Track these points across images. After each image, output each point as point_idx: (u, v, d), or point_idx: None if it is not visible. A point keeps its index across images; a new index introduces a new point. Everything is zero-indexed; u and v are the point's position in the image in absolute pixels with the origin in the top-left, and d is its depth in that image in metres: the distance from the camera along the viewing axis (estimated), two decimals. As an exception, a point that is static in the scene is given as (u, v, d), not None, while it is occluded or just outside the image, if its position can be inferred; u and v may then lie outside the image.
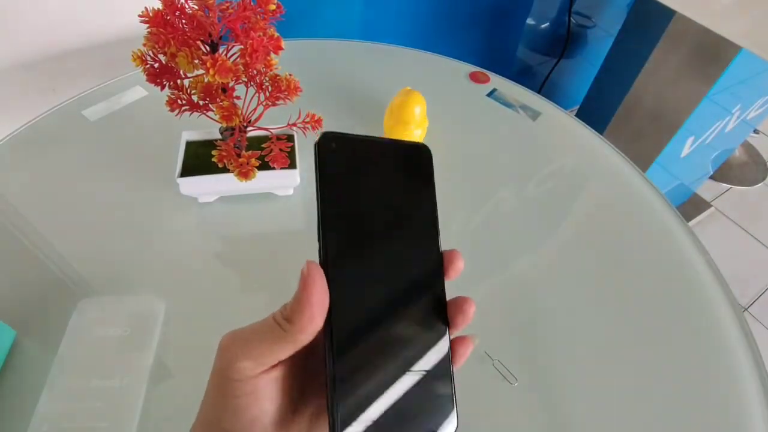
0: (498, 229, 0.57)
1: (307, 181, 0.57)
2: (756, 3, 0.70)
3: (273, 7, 0.43)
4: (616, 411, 0.43)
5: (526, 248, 0.55)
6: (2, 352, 0.42)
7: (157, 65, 0.44)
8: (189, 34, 0.42)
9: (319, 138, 0.21)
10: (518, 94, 0.75)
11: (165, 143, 0.57)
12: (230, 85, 0.45)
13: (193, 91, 0.46)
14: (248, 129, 0.49)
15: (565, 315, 0.49)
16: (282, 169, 0.51)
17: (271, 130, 0.50)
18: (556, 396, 0.44)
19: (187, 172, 0.53)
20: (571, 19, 1.40)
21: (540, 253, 0.55)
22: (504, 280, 0.52)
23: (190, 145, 0.56)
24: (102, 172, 0.59)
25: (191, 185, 0.54)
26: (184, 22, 0.42)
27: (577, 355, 0.47)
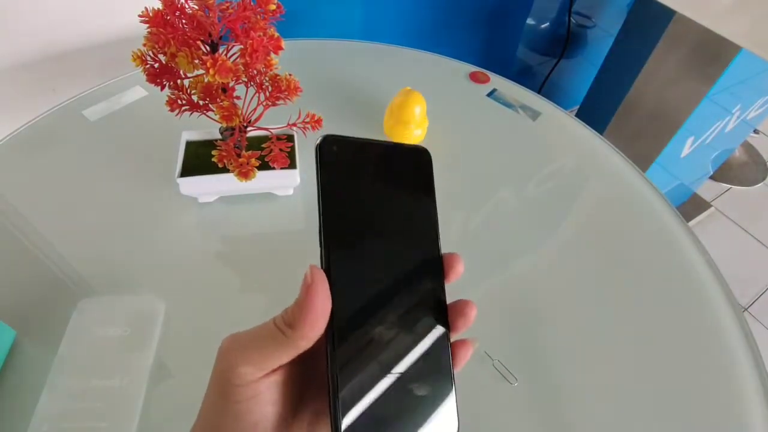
0: (498, 229, 0.57)
1: (307, 181, 0.57)
2: (756, 3, 0.70)
3: (273, 7, 0.43)
4: (616, 411, 0.43)
5: (526, 248, 0.55)
6: (2, 352, 0.42)
7: (157, 65, 0.44)
8: (189, 34, 0.42)
9: (319, 141, 0.21)
10: (518, 94, 0.75)
11: (165, 143, 0.57)
12: (230, 85, 0.45)
13: (193, 91, 0.46)
14: (248, 129, 0.49)
15: (565, 315, 0.49)
16: (282, 169, 0.51)
17: (271, 130, 0.50)
18: (556, 396, 0.44)
19: (187, 172, 0.53)
20: (571, 19, 1.40)
21: (540, 253, 0.55)
22: (504, 280, 0.52)
23: (190, 145, 0.56)
24: (102, 172, 0.59)
25: (191, 185, 0.54)
26: (184, 22, 0.42)
27: (577, 355, 0.47)
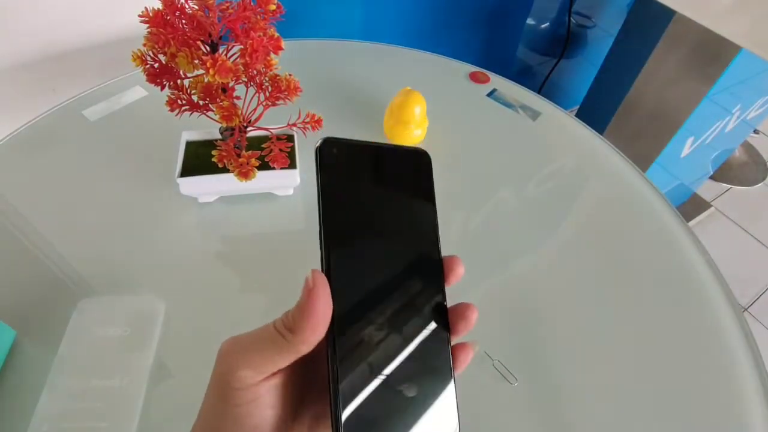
0: (498, 229, 0.57)
1: (307, 181, 0.57)
2: (756, 3, 0.70)
3: (273, 7, 0.43)
4: (616, 411, 0.43)
5: (526, 248, 0.55)
6: (2, 352, 0.42)
7: (157, 65, 0.44)
8: (189, 34, 0.42)
9: (319, 144, 0.21)
10: (518, 94, 0.75)
11: (165, 143, 0.57)
12: (230, 85, 0.45)
13: (193, 91, 0.46)
14: (248, 129, 0.49)
15: (565, 315, 0.49)
16: (282, 169, 0.51)
17: (271, 130, 0.50)
18: (556, 396, 0.44)
19: (187, 172, 0.53)
20: (571, 19, 1.40)
21: (540, 253, 0.55)
22: (504, 280, 0.52)
23: (190, 145, 0.56)
24: (102, 172, 0.59)
25: (191, 185, 0.54)
26: (184, 22, 0.42)
27: (577, 355, 0.47)
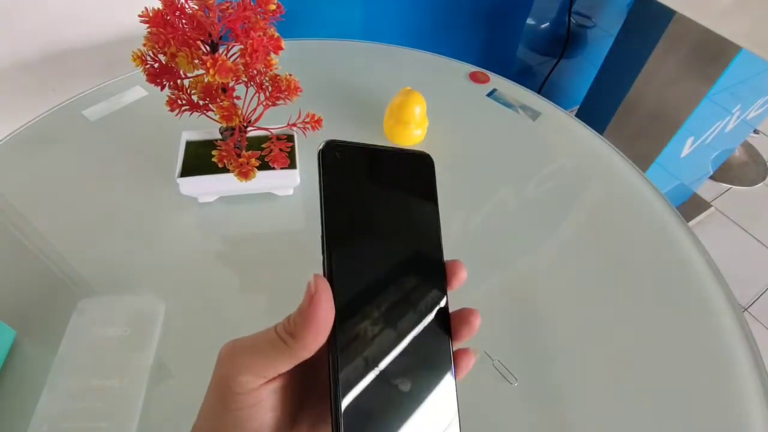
0: (498, 229, 0.57)
1: (306, 181, 0.57)
2: (756, 3, 0.70)
3: (273, 7, 0.43)
4: (616, 411, 0.43)
5: (526, 248, 0.55)
6: (2, 352, 0.42)
7: (157, 65, 0.44)
8: (189, 34, 0.42)
9: (322, 146, 0.21)
10: (518, 94, 0.75)
11: (165, 143, 0.57)
12: (230, 85, 0.45)
13: (193, 91, 0.46)
14: (248, 129, 0.49)
15: (565, 315, 0.49)
16: (282, 169, 0.51)
17: (271, 130, 0.50)
18: (556, 396, 0.44)
19: (187, 172, 0.53)
20: (571, 19, 1.39)
21: (540, 253, 0.55)
22: (504, 280, 0.52)
23: (190, 145, 0.56)
24: (102, 172, 0.59)
25: (191, 185, 0.54)
26: (184, 22, 0.42)
27: (577, 355, 0.47)
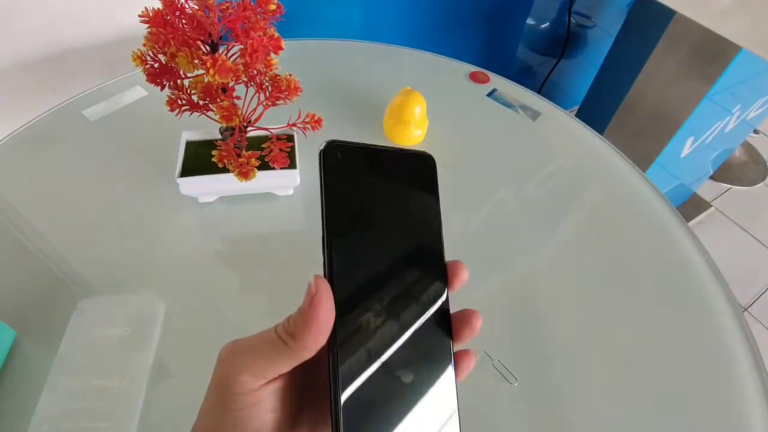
0: (498, 229, 0.57)
1: (307, 181, 0.57)
2: (756, 3, 0.70)
3: (273, 7, 0.43)
4: (616, 411, 0.43)
5: (526, 248, 0.55)
6: (2, 352, 0.42)
7: (157, 65, 0.44)
8: (189, 34, 0.42)
9: (323, 147, 0.21)
10: (518, 94, 0.75)
11: (165, 143, 0.57)
12: (230, 85, 0.45)
13: (193, 91, 0.46)
14: (248, 129, 0.49)
15: (565, 315, 0.49)
16: (282, 169, 0.51)
17: (271, 130, 0.50)
18: (556, 396, 0.44)
19: (187, 172, 0.53)
20: (571, 19, 1.39)
21: (540, 253, 0.55)
22: (504, 280, 0.52)
23: (190, 145, 0.56)
24: (102, 172, 0.59)
25: (191, 185, 0.54)
26: (184, 22, 0.42)
27: (577, 355, 0.47)
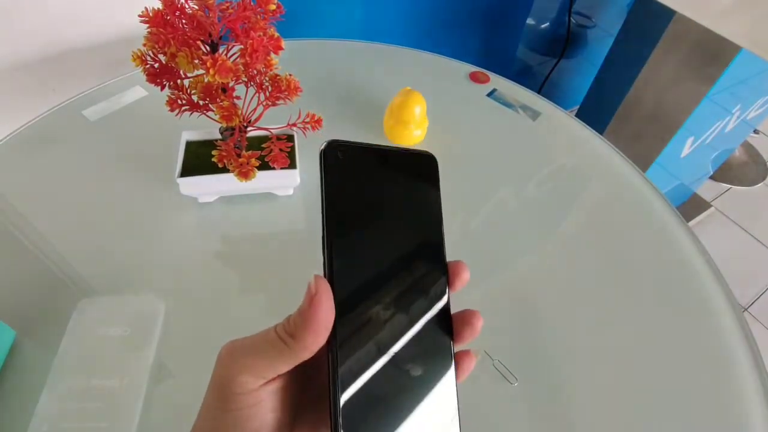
0: (498, 229, 0.57)
1: (307, 181, 0.57)
2: (756, 3, 0.70)
3: (273, 7, 0.43)
4: (616, 411, 0.43)
5: (526, 248, 0.55)
6: (2, 352, 0.42)
7: (157, 65, 0.44)
8: (189, 34, 0.42)
9: (324, 146, 0.21)
10: (518, 94, 0.75)
11: (165, 143, 0.57)
12: (230, 85, 0.45)
13: (193, 91, 0.46)
14: (248, 129, 0.49)
15: (565, 315, 0.49)
16: (282, 169, 0.51)
17: (271, 130, 0.50)
18: (556, 396, 0.44)
19: (187, 172, 0.53)
20: (571, 19, 1.39)
21: (540, 253, 0.55)
22: (504, 280, 0.52)
23: (190, 145, 0.56)
24: (102, 172, 0.59)
25: (191, 185, 0.54)
26: (184, 22, 0.42)
27: (577, 355, 0.47)
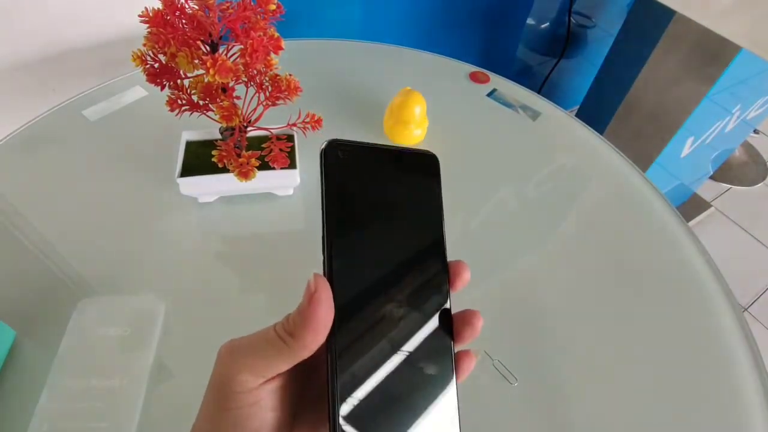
0: (498, 229, 0.57)
1: (306, 181, 0.57)
2: (756, 3, 0.70)
3: (273, 7, 0.43)
4: (616, 411, 0.43)
5: (526, 248, 0.55)
6: (2, 352, 0.42)
7: (157, 65, 0.44)
8: (189, 34, 0.42)
9: (324, 146, 0.21)
10: (518, 94, 0.75)
11: (165, 143, 0.57)
12: (230, 85, 0.45)
13: (193, 91, 0.46)
14: (248, 129, 0.49)
15: (565, 315, 0.49)
16: (282, 169, 0.51)
17: (271, 130, 0.50)
18: (556, 396, 0.44)
19: (187, 172, 0.53)
20: (571, 19, 1.40)
21: (540, 253, 0.55)
22: (504, 280, 0.52)
23: (190, 145, 0.56)
24: (102, 172, 0.59)
25: (191, 185, 0.54)
26: (184, 22, 0.42)
27: (577, 355, 0.47)
